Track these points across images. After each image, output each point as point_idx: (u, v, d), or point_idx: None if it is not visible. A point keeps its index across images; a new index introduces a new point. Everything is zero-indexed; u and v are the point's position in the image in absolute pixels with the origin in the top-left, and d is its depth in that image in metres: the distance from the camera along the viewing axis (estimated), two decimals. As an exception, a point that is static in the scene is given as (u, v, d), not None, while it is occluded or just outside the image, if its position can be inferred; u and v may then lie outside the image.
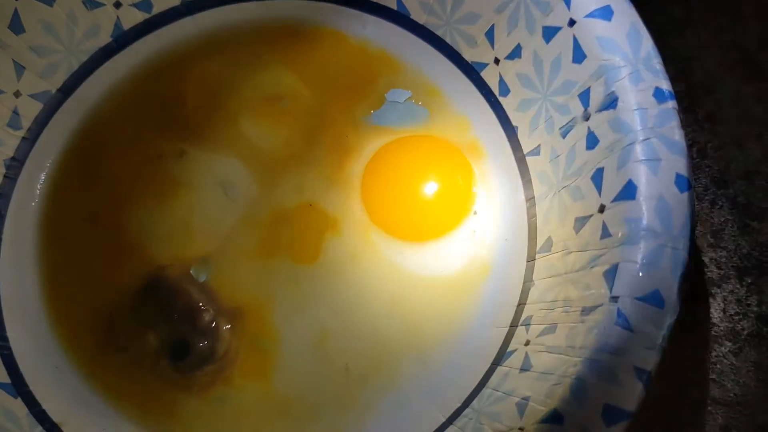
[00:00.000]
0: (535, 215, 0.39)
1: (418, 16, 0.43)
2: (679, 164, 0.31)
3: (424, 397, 0.38)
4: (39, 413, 0.36)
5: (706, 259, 0.41)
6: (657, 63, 0.33)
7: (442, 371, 0.39)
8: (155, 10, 0.43)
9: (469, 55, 0.42)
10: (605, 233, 0.32)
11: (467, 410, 0.36)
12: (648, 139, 0.32)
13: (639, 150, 0.32)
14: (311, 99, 0.44)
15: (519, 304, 0.38)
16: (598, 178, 0.34)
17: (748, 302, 0.40)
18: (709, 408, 0.38)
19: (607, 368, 0.29)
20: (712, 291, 0.40)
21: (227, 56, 0.44)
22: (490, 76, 0.41)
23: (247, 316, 0.40)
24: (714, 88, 0.44)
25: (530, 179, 0.39)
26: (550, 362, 0.32)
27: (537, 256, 0.38)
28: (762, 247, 0.41)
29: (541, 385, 0.31)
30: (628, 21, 0.34)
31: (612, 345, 0.29)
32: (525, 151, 0.40)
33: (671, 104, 0.32)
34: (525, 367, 0.34)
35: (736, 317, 0.40)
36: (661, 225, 0.30)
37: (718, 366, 0.39)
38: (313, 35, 0.45)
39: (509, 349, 0.36)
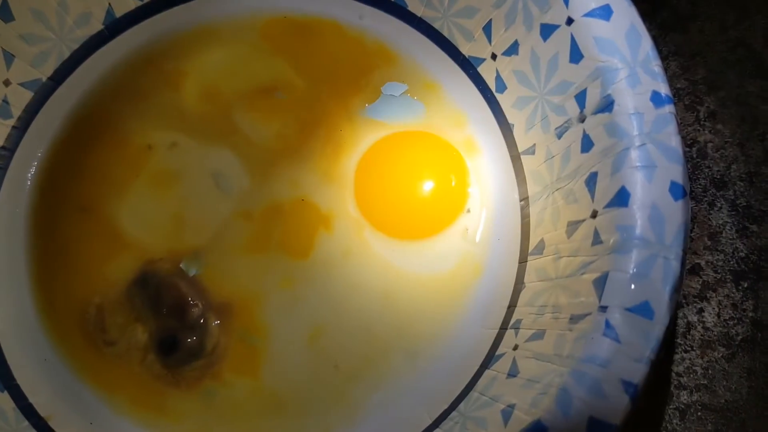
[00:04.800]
0: (528, 216, 0.38)
1: (415, 7, 0.42)
2: (675, 171, 0.30)
3: (412, 396, 0.38)
4: (26, 407, 0.37)
5: (702, 262, 0.40)
6: (656, 65, 0.32)
7: (430, 371, 0.39)
8: (148, -3, 0.43)
9: (466, 49, 0.41)
10: (597, 240, 0.32)
11: (454, 413, 0.35)
12: (643, 144, 0.31)
13: (634, 156, 0.31)
14: (306, 91, 0.43)
15: (509, 307, 0.37)
16: (591, 182, 0.33)
17: (744, 307, 0.39)
18: (699, 414, 0.38)
19: (594, 380, 0.29)
20: (707, 295, 0.40)
21: (221, 46, 0.44)
22: (486, 72, 0.40)
23: (236, 311, 0.40)
24: (717, 86, 0.43)
25: (525, 179, 0.39)
26: (537, 370, 0.32)
27: (529, 258, 0.37)
28: (760, 251, 0.40)
29: (526, 393, 0.31)
30: (627, 21, 0.33)
31: (599, 356, 0.29)
32: (520, 150, 0.39)
33: (669, 109, 0.32)
34: (512, 373, 0.33)
35: (731, 322, 0.39)
36: (653, 234, 0.30)
37: (710, 371, 0.39)
38: (309, 25, 0.44)
39: (498, 352, 0.36)
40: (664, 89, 0.32)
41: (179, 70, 0.43)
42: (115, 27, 0.42)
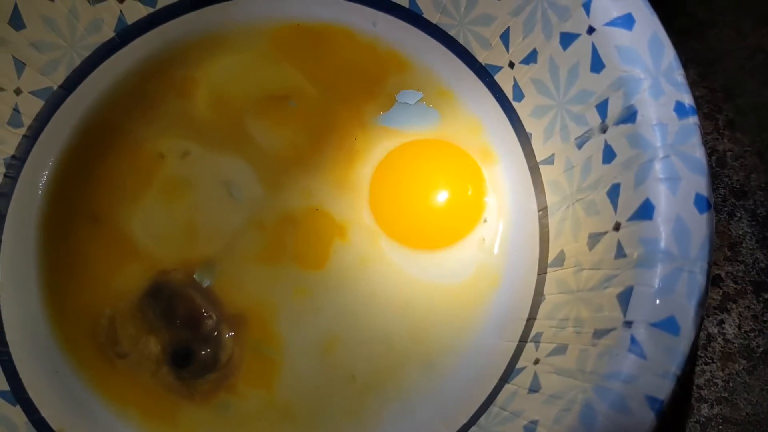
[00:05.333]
0: (547, 226, 0.38)
1: (430, 15, 0.41)
2: (700, 183, 0.30)
3: (430, 409, 0.38)
4: (38, 421, 0.36)
5: (722, 273, 0.40)
6: (679, 75, 0.32)
7: (448, 383, 0.38)
8: (159, 5, 0.42)
9: (482, 57, 0.40)
10: (620, 253, 0.31)
11: (474, 428, 0.35)
12: (667, 156, 0.31)
13: (658, 167, 0.31)
14: (319, 99, 0.43)
15: (529, 319, 0.37)
16: (614, 194, 0.33)
17: (765, 318, 0.39)
18: (720, 427, 0.38)
19: (619, 396, 0.28)
20: (728, 306, 0.39)
21: (233, 53, 0.43)
22: (504, 80, 0.40)
23: (250, 322, 0.39)
24: (736, 94, 0.43)
25: (543, 189, 0.38)
26: (560, 385, 0.31)
27: (548, 270, 0.37)
28: (781, 261, 0.40)
29: (549, 409, 0.31)
30: (649, 30, 0.33)
31: (624, 372, 0.28)
32: (539, 159, 0.39)
33: (692, 119, 0.31)
34: (533, 388, 0.33)
35: (752, 334, 0.39)
36: (678, 248, 0.29)
37: (730, 384, 0.38)
38: (322, 33, 0.43)
39: (518, 366, 0.35)
40: (687, 99, 0.31)
41: (190, 78, 0.43)
42: (126, 34, 0.42)
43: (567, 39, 0.35)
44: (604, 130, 0.34)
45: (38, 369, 0.38)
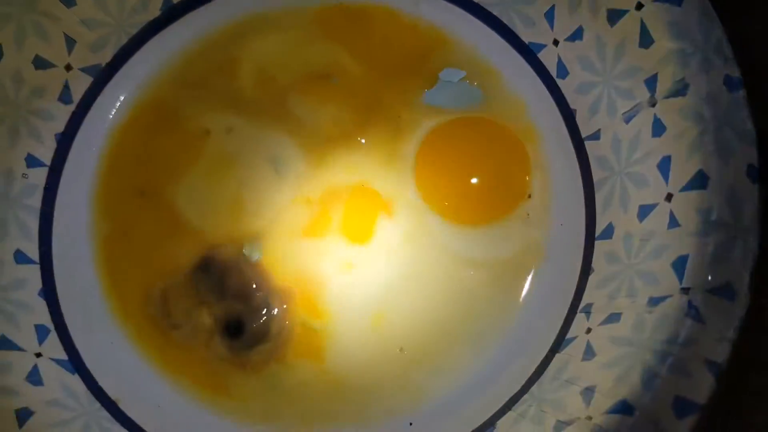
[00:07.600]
0: (593, 200, 0.38)
1: (473, -7, 0.42)
2: (751, 154, 0.31)
3: (478, 381, 0.39)
4: (96, 390, 0.37)
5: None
6: (727, 49, 0.33)
7: (496, 356, 0.39)
8: (205, -17, 0.43)
9: (526, 35, 0.41)
10: (673, 223, 0.32)
11: (526, 396, 0.36)
12: (719, 128, 0.31)
13: (710, 139, 0.32)
14: (362, 77, 0.43)
15: (577, 291, 0.37)
16: (664, 166, 0.34)
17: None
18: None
19: (678, 360, 0.29)
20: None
21: (278, 32, 0.44)
22: (548, 58, 0.40)
23: (299, 295, 0.40)
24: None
25: (588, 164, 0.39)
26: (615, 351, 0.32)
27: (596, 243, 0.38)
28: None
29: (607, 374, 0.31)
30: (698, 6, 0.33)
31: (683, 337, 0.29)
32: (583, 135, 0.39)
33: (742, 92, 0.32)
34: (588, 356, 0.34)
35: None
36: (731, 216, 0.30)
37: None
38: (365, 12, 0.44)
39: (569, 336, 0.36)
40: (736, 73, 0.32)
41: (235, 56, 0.43)
42: (171, 12, 0.42)
43: (614, 15, 0.36)
44: (653, 104, 0.35)
45: (94, 340, 0.38)
